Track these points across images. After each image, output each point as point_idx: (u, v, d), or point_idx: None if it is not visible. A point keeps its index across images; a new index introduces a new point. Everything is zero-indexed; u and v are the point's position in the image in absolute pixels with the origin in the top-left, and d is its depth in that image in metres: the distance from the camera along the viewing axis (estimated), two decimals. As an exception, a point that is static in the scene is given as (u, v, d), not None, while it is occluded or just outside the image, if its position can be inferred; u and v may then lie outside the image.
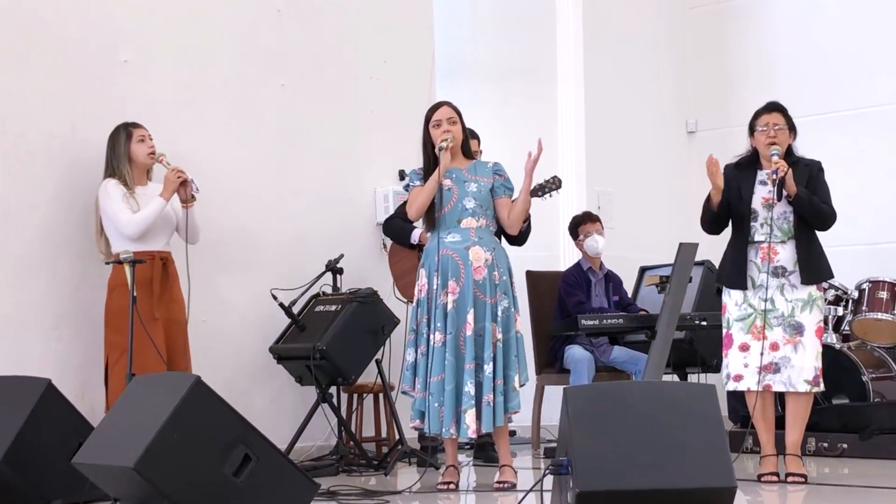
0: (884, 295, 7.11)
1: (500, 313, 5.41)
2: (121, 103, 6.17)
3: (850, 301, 7.19)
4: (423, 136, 5.54)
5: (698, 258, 6.69)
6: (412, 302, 6.61)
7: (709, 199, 5.60)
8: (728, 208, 5.56)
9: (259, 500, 4.49)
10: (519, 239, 6.10)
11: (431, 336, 5.36)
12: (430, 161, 5.50)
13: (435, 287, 5.40)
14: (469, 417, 5.29)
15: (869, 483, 5.37)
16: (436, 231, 5.47)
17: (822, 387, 5.53)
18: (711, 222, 5.65)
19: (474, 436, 5.38)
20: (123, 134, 5.86)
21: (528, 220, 5.95)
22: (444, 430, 5.32)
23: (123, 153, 5.84)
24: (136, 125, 5.90)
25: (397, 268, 6.76)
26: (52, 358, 5.85)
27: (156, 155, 5.87)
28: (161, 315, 5.74)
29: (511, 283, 5.52)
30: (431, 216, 5.46)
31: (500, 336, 5.40)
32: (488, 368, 5.33)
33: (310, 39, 7.07)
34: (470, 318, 5.34)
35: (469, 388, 5.30)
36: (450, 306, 5.36)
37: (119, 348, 5.66)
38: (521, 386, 5.45)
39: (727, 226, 5.67)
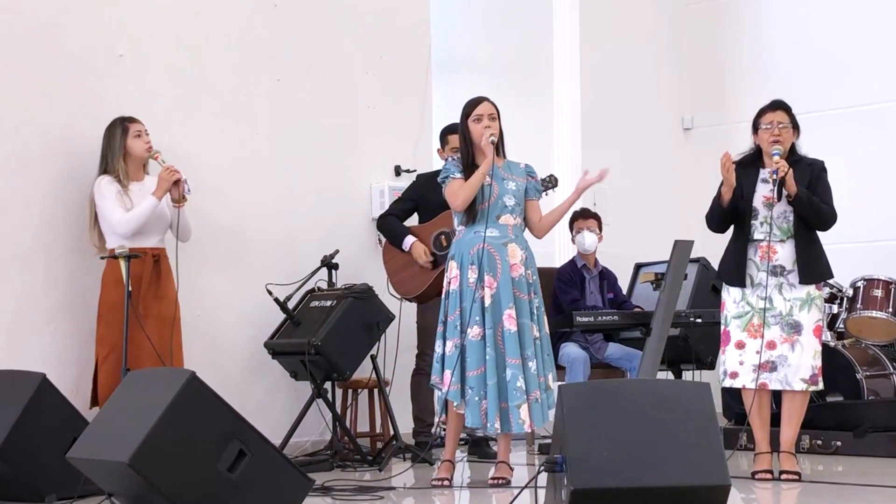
0: (878, 293, 7.12)
1: (534, 311, 5.43)
2: (116, 97, 6.16)
3: (845, 299, 7.19)
4: (461, 129, 5.54)
5: (693, 255, 6.70)
6: (406, 298, 6.66)
7: (719, 195, 5.57)
8: (735, 206, 5.56)
9: (253, 495, 4.49)
10: None
11: (469, 329, 5.35)
12: (467, 153, 5.49)
13: (471, 280, 5.39)
14: (523, 412, 5.30)
15: (863, 481, 5.38)
16: (472, 224, 5.45)
17: (820, 385, 5.53)
18: (720, 220, 5.63)
19: (529, 430, 5.42)
20: (119, 128, 5.85)
21: None
22: (489, 424, 5.32)
23: (119, 147, 5.83)
24: (132, 120, 5.89)
25: (391, 265, 6.75)
26: (46, 352, 5.85)
27: (152, 151, 5.86)
28: (151, 312, 5.73)
29: (538, 284, 5.54)
30: (473, 209, 5.46)
31: (537, 334, 5.43)
32: (533, 365, 5.36)
33: (306, 34, 7.05)
34: (512, 313, 5.35)
35: (520, 383, 5.30)
36: (487, 301, 5.36)
37: (108, 344, 5.67)
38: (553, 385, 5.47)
39: (732, 224, 5.66)
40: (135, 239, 5.75)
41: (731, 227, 5.68)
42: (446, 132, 6.63)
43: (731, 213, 5.58)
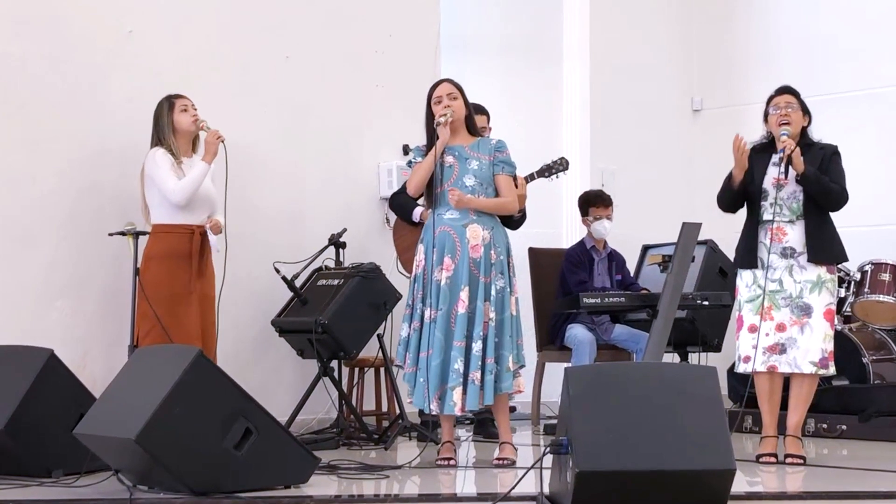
0: (886, 277, 7.11)
1: (493, 293, 5.39)
2: (126, 74, 6.16)
3: (853, 283, 7.19)
4: (426, 114, 5.53)
5: (701, 238, 6.68)
6: (414, 277, 6.66)
7: (730, 177, 5.57)
8: (746, 189, 5.55)
9: (259, 473, 4.52)
10: (512, 224, 6.09)
11: (426, 312, 5.36)
12: (432, 138, 5.49)
13: (431, 263, 5.39)
14: (456, 394, 5.28)
15: (867, 465, 5.38)
16: (435, 207, 5.46)
17: (831, 370, 5.52)
18: (729, 201, 5.63)
19: (460, 413, 5.37)
20: (166, 105, 5.85)
21: (522, 211, 5.94)
22: (426, 406, 5.33)
23: (167, 124, 5.83)
24: (178, 96, 5.89)
25: (401, 242, 6.76)
26: (54, 328, 5.87)
27: (198, 122, 5.84)
28: (196, 289, 5.75)
29: (509, 264, 5.48)
30: (431, 192, 5.45)
31: (492, 315, 5.37)
32: (476, 346, 5.32)
33: (315, 12, 7.04)
34: (464, 295, 5.33)
35: (458, 365, 5.29)
36: (443, 283, 5.36)
37: (150, 320, 5.64)
38: (519, 367, 5.42)
39: (742, 206, 5.64)
40: (182, 215, 5.74)
41: (745, 209, 5.67)
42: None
43: (740, 195, 5.58)
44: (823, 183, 5.47)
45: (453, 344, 5.31)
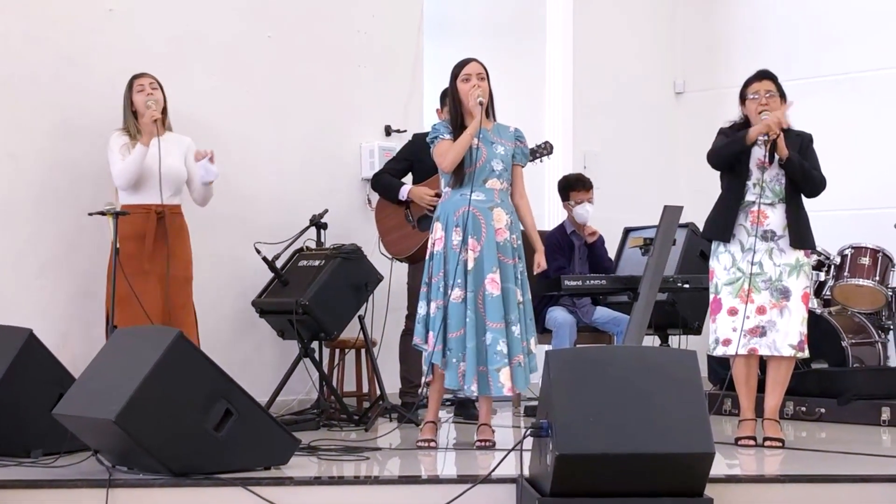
0: (866, 261, 7.14)
1: (518, 276, 5.43)
2: (106, 52, 6.12)
3: (833, 267, 7.21)
4: (451, 90, 5.47)
5: (682, 221, 6.70)
6: (398, 259, 6.66)
7: (743, 137, 5.40)
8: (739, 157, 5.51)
9: (240, 454, 4.52)
10: None
11: (451, 291, 5.35)
12: (459, 116, 5.46)
13: (455, 243, 5.38)
14: (504, 376, 5.29)
15: (845, 448, 5.41)
16: (459, 187, 5.43)
17: (806, 353, 5.55)
18: (728, 159, 5.49)
19: (510, 394, 5.41)
20: (128, 85, 5.84)
21: None
22: (465, 387, 5.33)
23: (127, 105, 5.83)
24: (139, 75, 5.86)
25: (383, 224, 6.75)
26: (33, 308, 5.84)
27: (145, 103, 5.80)
28: (154, 269, 5.71)
29: (522, 249, 5.53)
30: (460, 172, 5.42)
31: (521, 298, 5.42)
32: (516, 329, 5.35)
33: (298, -9, 7.01)
34: (497, 277, 5.33)
35: (501, 346, 5.30)
36: (470, 264, 5.35)
37: (116, 299, 5.64)
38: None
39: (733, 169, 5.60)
40: (138, 195, 5.72)
41: (722, 187, 5.64)
42: (447, 93, 6.59)
43: (739, 154, 5.49)
44: (806, 168, 5.49)
45: (489, 325, 5.31)
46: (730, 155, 5.53)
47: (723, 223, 5.56)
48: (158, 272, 5.71)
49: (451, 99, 5.51)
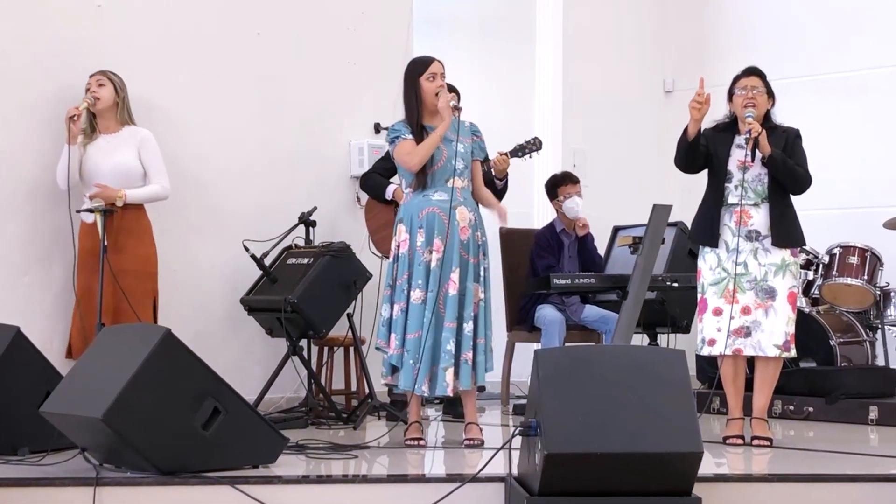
0: (854, 260, 7.15)
1: (481, 273, 5.42)
2: (95, 49, 6.10)
3: (821, 265, 7.23)
4: (412, 89, 5.42)
5: (671, 220, 6.70)
6: (387, 256, 6.65)
7: (685, 131, 5.48)
8: (705, 149, 5.51)
9: (228, 452, 4.50)
10: (497, 196, 6.09)
11: (412, 293, 5.34)
12: (415, 113, 5.43)
13: (418, 244, 5.37)
14: (448, 375, 5.29)
15: (833, 448, 5.42)
16: (420, 188, 5.41)
17: (793, 352, 5.55)
18: (686, 158, 5.51)
19: (452, 393, 5.38)
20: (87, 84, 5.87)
21: (505, 178, 5.92)
22: (416, 387, 5.32)
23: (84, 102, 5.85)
24: (96, 73, 5.87)
25: (373, 222, 6.74)
26: (21, 305, 5.82)
27: (89, 101, 5.81)
28: (107, 265, 5.66)
29: (487, 245, 5.51)
30: (423, 172, 5.39)
31: (481, 296, 5.41)
32: (468, 327, 5.34)
33: (287, -12, 6.99)
34: (455, 277, 5.33)
35: (450, 346, 5.29)
36: (433, 264, 5.33)
37: (76, 296, 5.74)
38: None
39: (701, 167, 5.60)
40: (85, 191, 5.77)
41: (705, 188, 5.65)
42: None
43: (698, 152, 5.50)
44: (789, 166, 5.48)
45: (445, 325, 5.31)
46: (683, 153, 5.52)
47: (708, 228, 5.56)
48: (113, 268, 5.66)
49: (411, 97, 5.45)
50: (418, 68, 5.43)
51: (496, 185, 5.91)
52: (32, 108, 5.93)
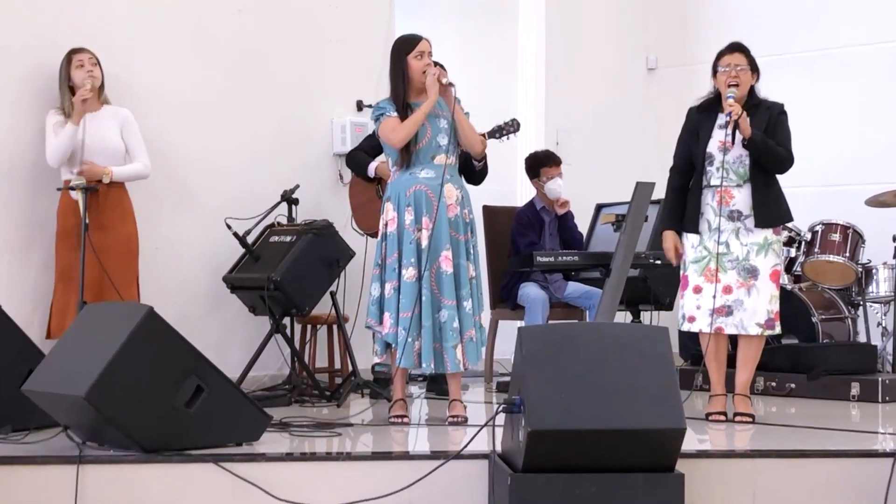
0: (836, 237, 7.18)
1: (470, 250, 5.43)
2: (74, 26, 6.05)
3: (803, 243, 7.25)
4: (398, 66, 5.40)
5: (654, 197, 6.69)
6: (368, 234, 6.64)
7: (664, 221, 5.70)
8: (690, 164, 5.58)
9: (211, 431, 4.50)
10: (476, 178, 6.08)
11: (404, 271, 5.33)
12: (404, 92, 5.40)
13: (407, 223, 5.36)
14: (459, 352, 5.32)
15: (815, 424, 5.45)
16: (407, 167, 5.39)
17: (777, 329, 5.57)
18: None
19: (465, 369, 5.43)
20: (66, 60, 5.82)
21: (483, 159, 5.90)
22: (423, 365, 5.33)
23: (64, 79, 5.82)
24: (78, 50, 5.84)
25: (355, 199, 6.73)
26: (1, 283, 5.79)
27: (85, 81, 5.76)
28: (89, 244, 5.65)
29: (475, 223, 5.52)
30: (407, 151, 5.38)
31: (473, 273, 5.42)
32: (468, 305, 5.36)
33: (269, -35, 6.95)
34: (449, 254, 5.33)
35: (456, 323, 5.31)
36: (423, 242, 5.33)
37: (56, 274, 5.75)
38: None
39: (691, 173, 5.65)
40: (69, 170, 5.73)
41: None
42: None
43: (688, 168, 5.61)
44: (770, 147, 5.48)
45: (443, 303, 5.31)
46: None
47: (691, 213, 5.57)
48: (95, 246, 5.64)
49: (397, 75, 5.42)
50: (406, 46, 5.41)
51: (474, 166, 5.90)
52: (10, 86, 5.88)
